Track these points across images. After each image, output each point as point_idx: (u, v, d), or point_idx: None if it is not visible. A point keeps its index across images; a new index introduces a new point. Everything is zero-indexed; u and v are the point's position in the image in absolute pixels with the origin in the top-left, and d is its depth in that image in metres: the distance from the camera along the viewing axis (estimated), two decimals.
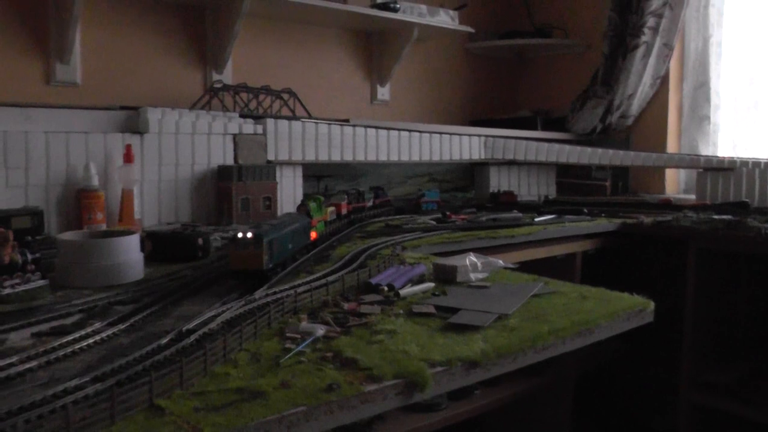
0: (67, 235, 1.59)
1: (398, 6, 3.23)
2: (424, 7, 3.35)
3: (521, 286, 1.53)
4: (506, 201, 3.29)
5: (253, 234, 1.39)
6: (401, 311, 1.30)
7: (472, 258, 1.62)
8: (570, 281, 1.68)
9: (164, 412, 0.82)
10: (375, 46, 3.54)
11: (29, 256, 1.43)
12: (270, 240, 1.43)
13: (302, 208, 1.92)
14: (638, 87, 3.67)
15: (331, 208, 2.19)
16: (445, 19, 3.44)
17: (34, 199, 2.08)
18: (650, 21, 3.55)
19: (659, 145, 3.79)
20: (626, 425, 3.12)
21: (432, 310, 1.31)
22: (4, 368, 0.94)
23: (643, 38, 3.56)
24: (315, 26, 3.31)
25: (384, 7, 3.20)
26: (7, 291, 1.38)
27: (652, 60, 3.63)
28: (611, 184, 3.79)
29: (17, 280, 1.41)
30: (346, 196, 2.47)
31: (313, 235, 1.91)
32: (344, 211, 2.37)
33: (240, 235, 1.39)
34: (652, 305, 1.48)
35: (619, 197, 3.66)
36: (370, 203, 2.66)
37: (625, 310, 1.41)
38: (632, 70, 3.61)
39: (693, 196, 3.49)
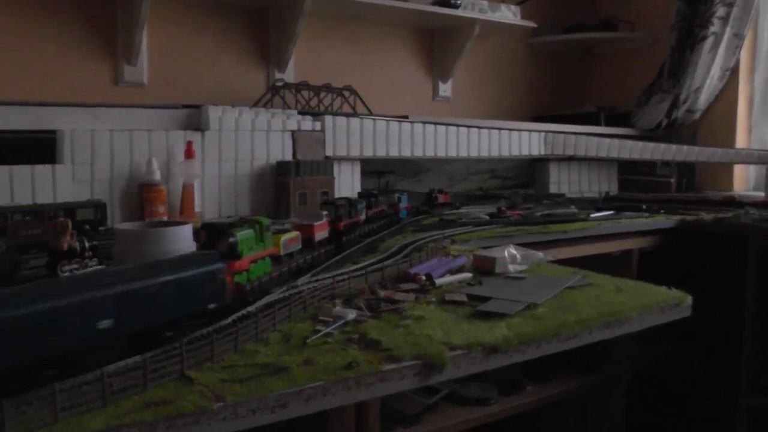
0: (125, 225, 1.71)
1: (459, 2, 3.27)
2: (485, 3, 3.38)
3: (557, 278, 1.56)
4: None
5: None
6: (434, 299, 1.37)
7: (511, 250, 1.67)
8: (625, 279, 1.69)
9: (193, 382, 0.91)
10: (436, 42, 3.59)
11: (87, 244, 1.55)
12: None
13: (221, 241, 1.28)
14: (706, 80, 3.61)
15: (291, 235, 1.57)
16: (507, 15, 3.47)
17: (99, 192, 2.23)
18: (720, 10, 3.48)
19: (728, 140, 3.72)
20: (682, 428, 3.08)
21: (464, 298, 1.36)
22: None
23: (712, 29, 3.50)
24: (376, 24, 3.38)
25: (445, 3, 3.25)
26: (67, 275, 1.50)
27: (721, 51, 3.56)
28: (676, 180, 3.73)
29: (75, 266, 1.53)
30: (328, 210, 1.84)
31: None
32: (320, 234, 1.73)
33: None
34: (689, 299, 1.48)
35: (682, 194, 3.60)
36: (363, 216, 2.08)
37: (659, 303, 1.42)
38: (700, 62, 3.55)
39: (762, 194, 3.42)
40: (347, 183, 2.79)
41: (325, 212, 1.81)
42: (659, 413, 3.10)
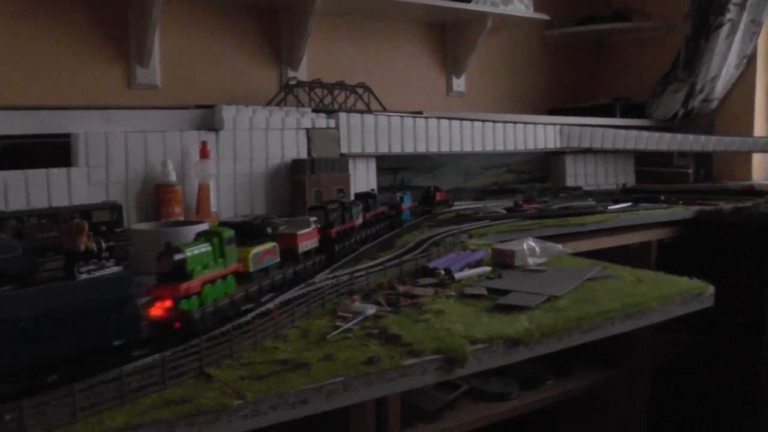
0: (140, 225, 1.71)
1: None
2: None
3: (577, 270, 1.55)
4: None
5: None
6: (453, 293, 1.35)
7: (530, 243, 1.66)
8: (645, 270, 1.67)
9: (212, 379, 0.90)
10: (449, 37, 3.58)
11: (104, 245, 1.56)
12: None
13: (164, 258, 1.05)
14: (722, 68, 3.57)
15: (265, 247, 1.34)
16: (519, 8, 3.44)
17: (114, 194, 2.23)
18: None
19: (745, 128, 3.68)
20: (706, 421, 3.05)
21: (483, 291, 1.35)
22: None
23: (728, 15, 3.46)
24: (388, 20, 3.37)
25: None
26: (84, 276, 1.50)
27: (737, 38, 3.52)
28: (694, 171, 3.70)
29: (93, 267, 1.54)
30: (318, 216, 1.63)
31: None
32: (307, 244, 1.52)
33: None
34: (711, 289, 1.47)
35: (701, 184, 3.57)
36: (359, 220, 1.90)
37: (680, 293, 1.41)
38: (716, 50, 3.51)
39: None
40: (362, 180, 2.78)
41: (314, 218, 1.59)
42: (681, 406, 3.07)
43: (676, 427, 2.98)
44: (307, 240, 1.52)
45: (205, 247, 1.13)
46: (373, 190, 2.51)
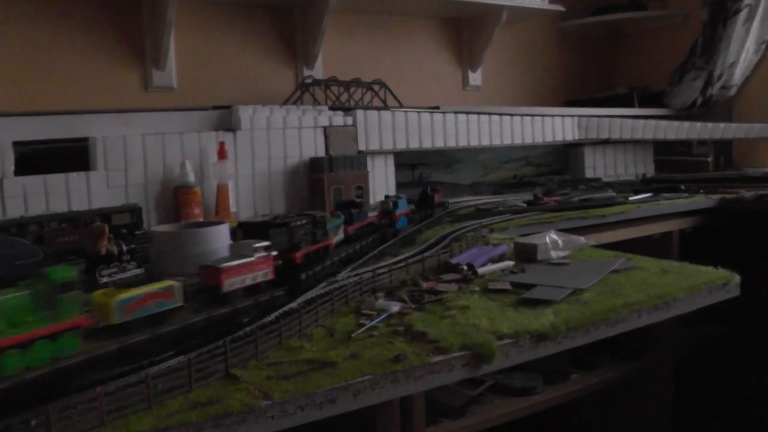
0: (161, 227, 1.71)
1: None
2: None
3: (601, 263, 1.53)
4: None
5: None
6: (477, 288, 1.34)
7: (552, 236, 1.64)
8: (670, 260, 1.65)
9: (238, 380, 0.90)
10: (464, 32, 3.56)
11: (124, 247, 1.56)
12: None
13: None
14: (741, 54, 3.53)
15: (144, 291, 1.07)
16: (534, 0, 3.42)
17: (134, 197, 2.23)
18: None
19: (765, 115, 3.62)
20: (733, 415, 3.02)
21: (507, 286, 1.34)
22: None
23: (746, 1, 3.42)
24: (402, 16, 3.36)
25: None
26: (105, 280, 1.51)
27: (756, 24, 3.47)
28: (713, 159, 3.66)
29: (114, 270, 1.54)
30: (277, 238, 1.37)
31: None
32: (244, 280, 1.24)
33: None
34: (737, 279, 1.45)
35: (721, 173, 3.53)
36: (339, 236, 1.67)
37: (706, 283, 1.39)
38: (734, 36, 3.46)
39: None
40: (381, 177, 2.77)
41: (263, 243, 1.30)
42: (706, 399, 3.05)
43: (697, 419, 2.95)
44: (245, 273, 1.23)
45: (13, 299, 0.89)
46: (350, 201, 2.04)
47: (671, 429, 2.58)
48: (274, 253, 1.33)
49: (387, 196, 2.03)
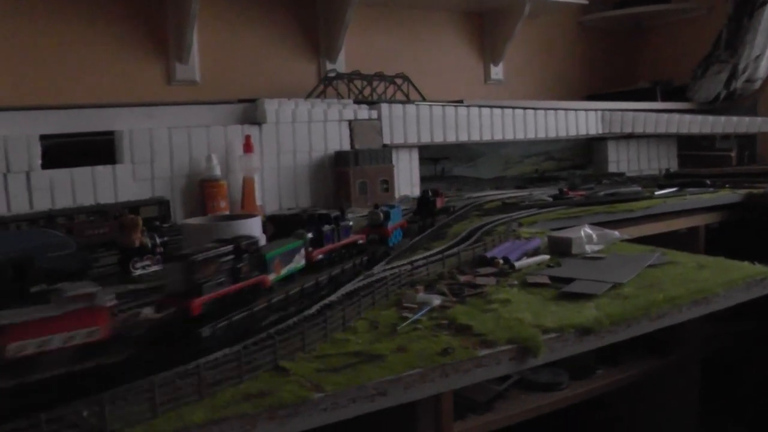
0: (193, 220, 1.70)
1: None
2: None
3: (637, 257, 1.52)
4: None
5: None
6: (516, 282, 1.34)
7: (587, 230, 1.63)
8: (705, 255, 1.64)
9: (288, 372, 0.89)
10: (486, 25, 3.54)
11: (158, 240, 1.56)
12: None
13: None
14: (766, 47, 3.50)
15: None
16: None
17: (160, 190, 2.23)
18: None
19: None
20: (760, 411, 2.99)
21: (546, 280, 1.33)
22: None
23: None
24: (425, 10, 3.35)
25: None
26: (139, 272, 1.51)
27: None
28: (737, 154, 3.63)
29: (147, 262, 1.54)
30: (173, 274, 1.00)
31: None
32: (76, 337, 0.90)
33: None
34: None
35: (745, 167, 3.50)
36: (296, 264, 1.29)
37: (744, 279, 1.38)
38: (759, 28, 3.44)
39: None
40: (406, 170, 2.77)
41: (110, 297, 0.95)
42: (730, 395, 3.02)
43: (722, 416, 2.93)
44: (47, 333, 0.87)
45: None
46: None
47: (698, 426, 2.56)
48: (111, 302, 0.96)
49: (376, 206, 1.68)
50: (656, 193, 2.67)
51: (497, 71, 3.59)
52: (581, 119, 3.28)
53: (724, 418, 2.92)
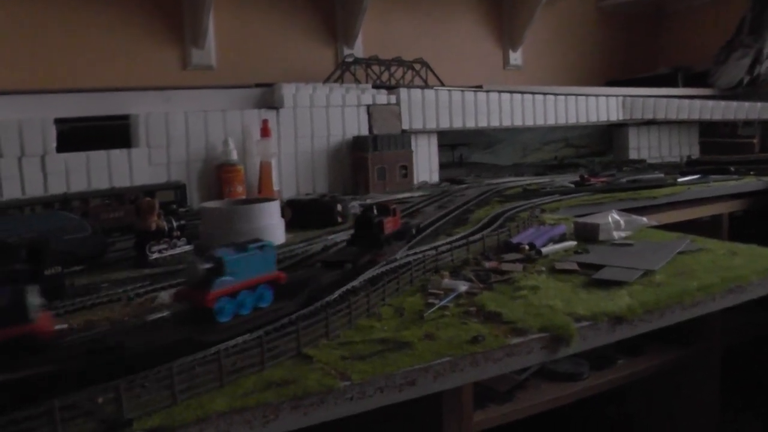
0: (211, 204, 1.67)
1: None
2: None
3: (666, 244, 1.48)
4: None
5: None
6: (543, 268, 1.29)
7: (614, 216, 1.59)
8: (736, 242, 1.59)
9: (312, 360, 0.86)
10: (505, 10, 3.49)
11: (174, 224, 1.53)
12: None
13: None
14: None
15: None
16: None
17: (176, 174, 2.21)
18: None
19: None
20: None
21: (575, 266, 1.29)
22: (157, 321, 1.03)
23: None
24: None
25: None
26: (156, 256, 1.49)
27: None
28: (759, 140, 3.56)
29: (164, 246, 1.51)
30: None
31: None
32: None
33: None
34: None
35: None
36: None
37: None
38: None
39: None
40: (424, 156, 2.73)
41: None
42: (750, 388, 2.97)
43: (743, 410, 2.88)
44: None
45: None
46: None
47: (719, 419, 2.52)
48: None
49: (203, 251, 1.14)
50: (679, 179, 2.62)
51: (516, 57, 3.54)
52: (602, 105, 3.22)
53: (744, 412, 2.87)
